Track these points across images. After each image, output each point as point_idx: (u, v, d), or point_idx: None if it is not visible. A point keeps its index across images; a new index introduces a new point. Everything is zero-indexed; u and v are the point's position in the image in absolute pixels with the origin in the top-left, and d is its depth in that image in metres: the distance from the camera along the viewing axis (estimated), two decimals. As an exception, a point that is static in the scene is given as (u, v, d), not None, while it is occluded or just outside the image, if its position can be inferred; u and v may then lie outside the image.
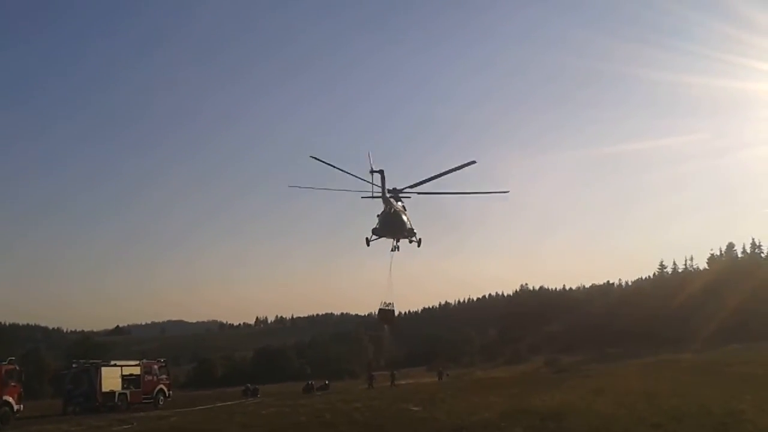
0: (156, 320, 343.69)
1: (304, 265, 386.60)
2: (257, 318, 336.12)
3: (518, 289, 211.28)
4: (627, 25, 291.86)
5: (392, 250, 36.52)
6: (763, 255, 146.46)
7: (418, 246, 36.83)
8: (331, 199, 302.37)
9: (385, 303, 37.57)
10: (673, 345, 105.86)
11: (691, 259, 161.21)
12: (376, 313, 38.55)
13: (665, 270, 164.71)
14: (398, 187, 35.10)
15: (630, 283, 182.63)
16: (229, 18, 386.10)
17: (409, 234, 36.44)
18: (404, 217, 35.85)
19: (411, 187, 35.04)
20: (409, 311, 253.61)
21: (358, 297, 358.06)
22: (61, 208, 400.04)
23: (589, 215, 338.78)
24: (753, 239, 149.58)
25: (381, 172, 32.49)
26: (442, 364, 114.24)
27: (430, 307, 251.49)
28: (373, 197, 33.65)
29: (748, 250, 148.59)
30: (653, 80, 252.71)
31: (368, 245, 35.76)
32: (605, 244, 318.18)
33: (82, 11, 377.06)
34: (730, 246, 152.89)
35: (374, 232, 35.65)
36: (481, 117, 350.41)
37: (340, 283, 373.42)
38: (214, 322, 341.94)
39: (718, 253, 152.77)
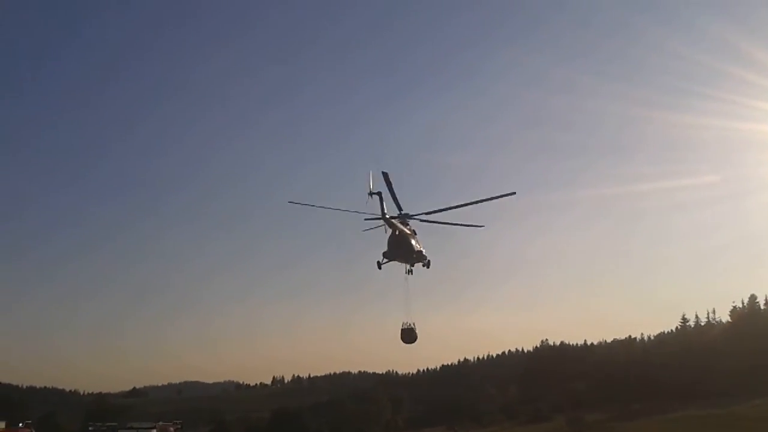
0: (173, 381, 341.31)
1: (320, 322, 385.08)
2: (274, 378, 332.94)
3: (538, 345, 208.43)
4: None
5: (407, 273, 38.35)
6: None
7: (428, 267, 38.61)
8: (346, 255, 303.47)
9: (406, 324, 38.95)
10: (697, 400, 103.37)
11: (714, 311, 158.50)
12: (399, 335, 39.34)
13: (688, 323, 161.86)
14: (410, 213, 36.83)
15: (653, 337, 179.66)
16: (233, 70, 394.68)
17: (418, 257, 38.04)
18: (412, 240, 37.39)
19: (427, 213, 36.87)
20: (427, 368, 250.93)
21: (376, 354, 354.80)
22: (73, 268, 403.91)
23: (611, 266, 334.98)
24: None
25: (379, 194, 34.40)
26: (460, 423, 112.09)
27: (449, 364, 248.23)
28: (374, 218, 35.48)
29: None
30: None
31: (380, 268, 37.63)
32: (626, 297, 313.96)
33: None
34: (753, 298, 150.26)
35: (384, 255, 37.44)
36: (507, 162, 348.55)
37: (357, 340, 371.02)
38: (231, 382, 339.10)
39: (741, 305, 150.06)
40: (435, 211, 36.78)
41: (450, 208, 36.37)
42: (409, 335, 38.97)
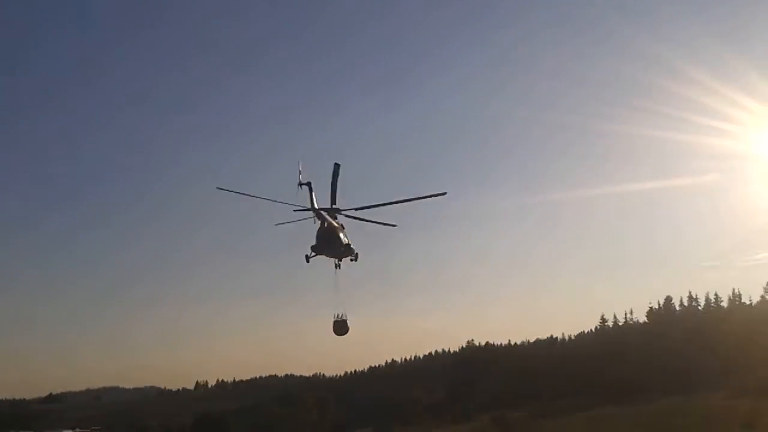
0: (91, 387, 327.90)
1: (244, 324, 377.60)
2: (197, 382, 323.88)
3: (465, 345, 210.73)
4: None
5: (335, 267, 37.62)
6: (700, 308, 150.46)
7: (356, 260, 37.86)
8: (268, 250, 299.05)
9: (337, 315, 38.20)
10: (617, 397, 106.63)
11: (631, 312, 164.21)
12: (332, 327, 38.28)
13: (606, 324, 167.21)
14: (341, 208, 36.14)
15: (573, 337, 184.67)
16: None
17: (347, 250, 37.39)
18: (340, 234, 36.88)
19: (356, 209, 36.18)
20: (355, 370, 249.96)
21: (302, 356, 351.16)
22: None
23: (532, 268, 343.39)
24: (690, 293, 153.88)
25: (309, 184, 34.17)
26: (387, 424, 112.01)
27: (377, 365, 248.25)
28: (304, 209, 34.99)
29: (686, 303, 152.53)
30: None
31: (308, 261, 36.71)
32: (548, 298, 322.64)
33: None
34: (668, 299, 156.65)
35: (313, 248, 36.65)
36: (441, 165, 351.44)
37: (282, 342, 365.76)
38: (152, 387, 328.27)
39: (657, 306, 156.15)
40: (364, 207, 36.21)
41: (379, 205, 35.93)
42: (341, 327, 38.32)
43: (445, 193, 35.88)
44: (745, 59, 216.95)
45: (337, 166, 33.87)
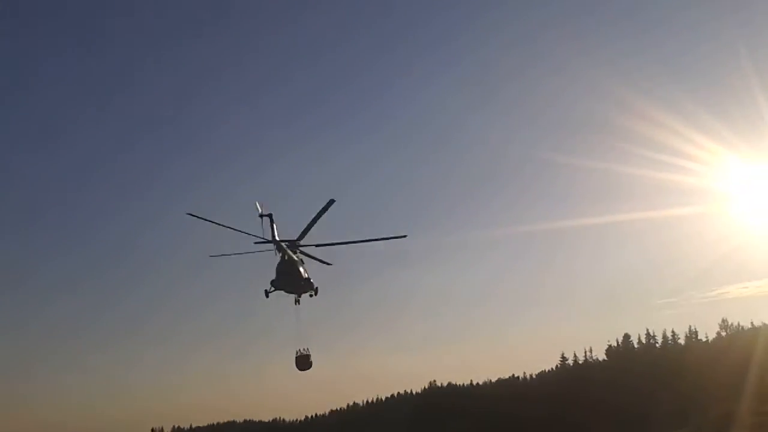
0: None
1: (199, 368, 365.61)
2: (153, 429, 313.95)
3: (427, 386, 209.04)
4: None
5: (295, 303, 37.74)
6: (657, 345, 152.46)
7: (315, 295, 37.89)
8: (225, 289, 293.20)
9: (300, 350, 38.31)
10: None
11: (590, 350, 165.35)
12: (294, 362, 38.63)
13: (567, 361, 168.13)
14: (298, 242, 36.60)
15: (534, 376, 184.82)
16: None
17: (306, 285, 37.59)
18: (300, 268, 37.20)
19: (317, 245, 36.73)
20: (315, 414, 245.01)
21: (262, 401, 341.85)
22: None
23: (495, 305, 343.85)
24: (647, 330, 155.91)
25: (270, 216, 34.81)
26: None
27: (338, 408, 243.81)
28: (265, 242, 35.31)
29: (644, 341, 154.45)
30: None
31: (267, 296, 36.83)
32: (509, 336, 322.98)
33: None
34: (626, 337, 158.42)
35: (272, 283, 36.90)
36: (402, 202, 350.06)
37: (240, 387, 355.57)
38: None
39: (615, 344, 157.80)
40: (326, 244, 36.40)
41: (339, 243, 36.24)
42: (303, 362, 38.34)
43: (405, 236, 36.42)
44: (698, 98, 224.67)
45: (330, 202, 33.99)
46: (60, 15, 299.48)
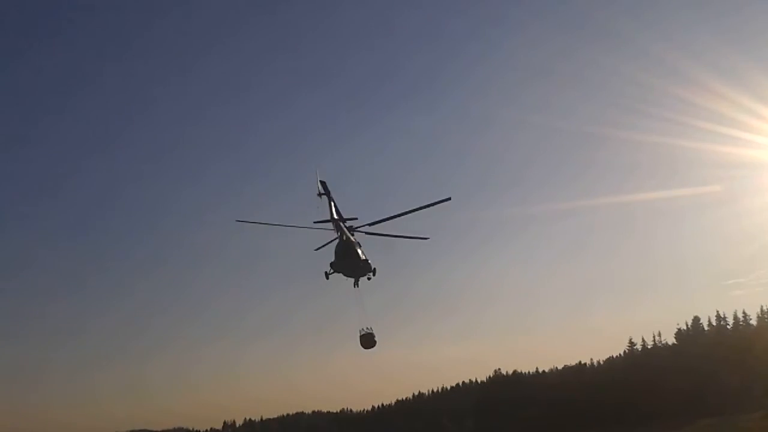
0: (119, 430, 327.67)
1: (266, 360, 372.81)
2: (225, 422, 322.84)
3: (492, 375, 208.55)
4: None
5: (354, 286, 38.24)
6: (729, 327, 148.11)
7: (374, 275, 38.22)
8: (284, 282, 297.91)
9: (363, 329, 38.75)
10: (650, 422, 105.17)
11: (659, 334, 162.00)
12: (359, 340, 39.11)
13: (635, 347, 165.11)
14: (354, 225, 37.41)
15: (602, 362, 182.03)
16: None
17: (365, 266, 37.92)
18: (358, 249, 37.65)
19: (369, 224, 37.28)
20: (382, 404, 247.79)
21: (328, 392, 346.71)
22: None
23: (559, 292, 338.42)
24: (717, 312, 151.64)
25: (328, 193, 35.44)
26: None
27: (404, 398, 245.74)
28: (324, 221, 36.20)
29: (714, 323, 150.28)
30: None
31: (327, 278, 37.57)
32: (575, 322, 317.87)
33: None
34: (696, 320, 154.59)
35: (332, 265, 37.52)
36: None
37: (307, 378, 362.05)
38: (181, 429, 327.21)
39: (685, 327, 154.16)
40: (377, 222, 36.94)
41: (391, 218, 36.57)
42: (368, 340, 38.79)
43: (449, 199, 36.48)
44: (757, 65, 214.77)
45: (323, 183, 35.19)
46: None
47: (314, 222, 36.49)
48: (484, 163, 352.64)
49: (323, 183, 35.80)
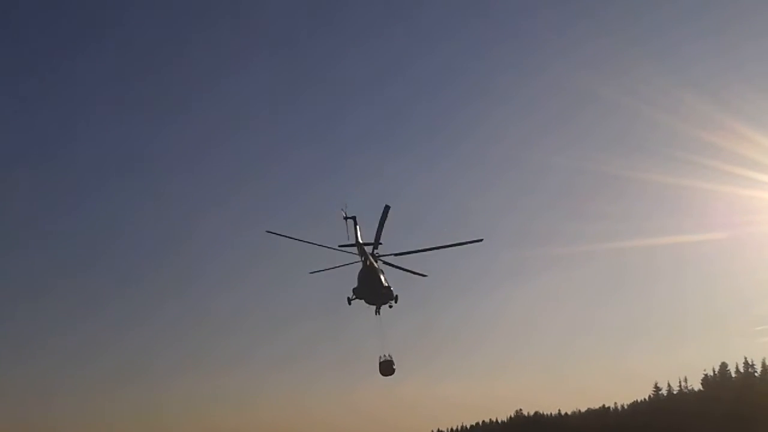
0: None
1: (282, 391, 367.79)
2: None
3: (513, 415, 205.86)
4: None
5: (376, 313, 38.79)
6: (756, 374, 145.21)
7: (396, 302, 38.75)
8: (306, 314, 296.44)
9: (383, 356, 39.21)
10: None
11: (685, 380, 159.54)
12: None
13: (661, 392, 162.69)
14: (378, 253, 38.18)
15: (626, 406, 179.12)
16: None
17: (387, 293, 38.52)
18: (381, 276, 38.39)
19: (396, 255, 38.18)
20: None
21: (348, 426, 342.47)
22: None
23: (585, 333, 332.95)
24: (746, 358, 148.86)
25: (354, 218, 36.08)
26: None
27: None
28: (349, 245, 36.77)
29: (742, 370, 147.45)
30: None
31: (349, 304, 38.38)
32: (599, 364, 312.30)
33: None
34: (724, 366, 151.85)
35: (354, 291, 38.28)
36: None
37: (327, 410, 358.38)
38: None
39: (711, 374, 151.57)
40: (403, 253, 37.82)
41: (416, 251, 37.58)
42: (387, 367, 39.30)
43: (481, 240, 37.67)
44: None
45: (387, 208, 35.64)
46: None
47: (339, 246, 37.21)
48: (508, 202, 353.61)
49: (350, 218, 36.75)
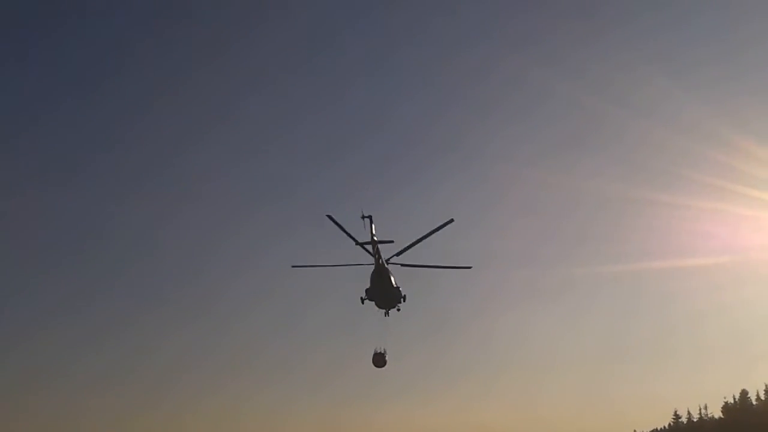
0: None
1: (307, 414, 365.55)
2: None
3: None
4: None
5: (385, 315, 41.99)
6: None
7: (404, 301, 42.01)
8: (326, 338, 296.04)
9: (378, 349, 41.90)
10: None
11: (705, 407, 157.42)
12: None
13: (680, 420, 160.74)
14: (389, 259, 40.69)
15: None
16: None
17: (396, 293, 41.57)
18: (391, 277, 41.17)
19: (397, 255, 40.32)
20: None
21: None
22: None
23: (603, 359, 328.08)
24: (766, 384, 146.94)
25: (369, 217, 37.89)
26: None
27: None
28: (365, 243, 38.97)
29: (763, 397, 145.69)
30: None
31: (362, 303, 41.22)
32: (619, 392, 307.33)
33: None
34: (744, 393, 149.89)
35: (366, 292, 41.02)
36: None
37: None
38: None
39: (732, 401, 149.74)
40: (411, 265, 40.77)
41: (413, 266, 41.06)
42: (379, 359, 41.80)
43: (470, 267, 42.80)
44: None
45: (450, 221, 38.46)
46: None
47: (355, 244, 39.17)
48: (525, 224, 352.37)
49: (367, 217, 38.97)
